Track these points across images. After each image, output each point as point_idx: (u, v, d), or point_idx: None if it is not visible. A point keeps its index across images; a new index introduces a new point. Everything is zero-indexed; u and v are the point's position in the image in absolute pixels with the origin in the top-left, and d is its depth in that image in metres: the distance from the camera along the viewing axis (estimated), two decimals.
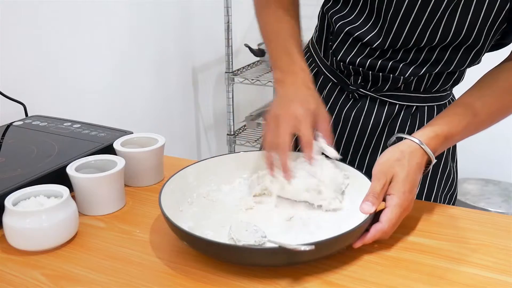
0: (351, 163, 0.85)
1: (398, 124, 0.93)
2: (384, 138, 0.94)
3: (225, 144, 2.22)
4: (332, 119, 0.96)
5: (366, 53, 0.89)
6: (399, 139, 0.79)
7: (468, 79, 0.96)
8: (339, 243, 0.68)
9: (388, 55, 0.87)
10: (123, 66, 1.66)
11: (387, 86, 0.90)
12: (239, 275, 0.67)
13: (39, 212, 0.72)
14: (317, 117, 0.81)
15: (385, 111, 0.92)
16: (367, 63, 0.89)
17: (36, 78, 1.30)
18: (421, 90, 0.91)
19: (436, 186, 0.95)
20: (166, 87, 1.92)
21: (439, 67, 0.86)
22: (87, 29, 1.47)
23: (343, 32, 0.90)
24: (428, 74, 0.88)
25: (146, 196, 0.89)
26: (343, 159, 0.85)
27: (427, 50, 0.85)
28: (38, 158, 0.90)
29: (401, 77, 0.88)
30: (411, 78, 0.88)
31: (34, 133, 1.02)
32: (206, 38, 2.10)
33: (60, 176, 0.83)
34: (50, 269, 0.70)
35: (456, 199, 1.01)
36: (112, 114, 1.60)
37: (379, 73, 0.89)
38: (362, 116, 0.93)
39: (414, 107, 0.92)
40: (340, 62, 0.93)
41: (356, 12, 0.89)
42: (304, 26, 1.02)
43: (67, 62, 1.41)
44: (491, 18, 0.80)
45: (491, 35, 0.83)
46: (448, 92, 0.95)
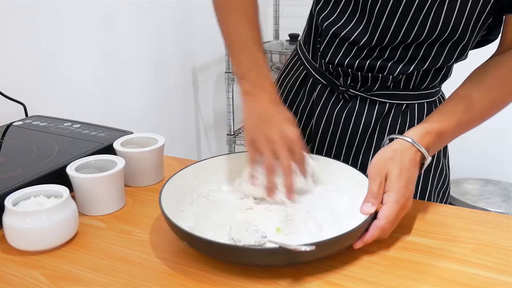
0: (345, 163, 0.86)
1: (389, 122, 0.94)
2: (376, 137, 0.95)
3: (225, 144, 2.22)
4: (324, 120, 0.97)
5: (354, 53, 0.89)
6: (392, 140, 0.79)
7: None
8: (339, 244, 0.68)
9: (375, 54, 0.88)
10: (123, 66, 1.66)
11: (377, 86, 0.91)
12: (239, 275, 0.67)
13: (39, 212, 0.72)
14: (290, 139, 0.81)
15: (375, 110, 0.93)
16: (356, 63, 0.90)
17: (36, 78, 1.30)
18: (410, 88, 0.92)
19: (429, 184, 0.96)
20: (166, 87, 1.92)
21: (427, 64, 0.87)
22: (87, 29, 1.47)
23: (329, 33, 0.90)
24: (416, 72, 0.89)
25: (146, 196, 0.89)
26: (337, 159, 0.88)
27: (414, 46, 0.86)
28: (38, 158, 0.90)
29: (390, 76, 0.88)
30: (400, 76, 0.89)
31: (34, 133, 1.02)
32: (206, 38, 2.10)
33: (60, 176, 0.83)
34: (50, 269, 0.70)
35: (449, 195, 1.02)
36: (112, 114, 1.60)
37: (368, 73, 0.89)
38: (353, 116, 0.94)
39: (404, 105, 0.93)
40: (328, 64, 0.93)
41: (339, 11, 0.89)
42: (301, 25, 1.02)
43: (67, 62, 1.41)
44: (476, 12, 0.81)
45: (477, 29, 0.84)
46: (437, 88, 0.96)
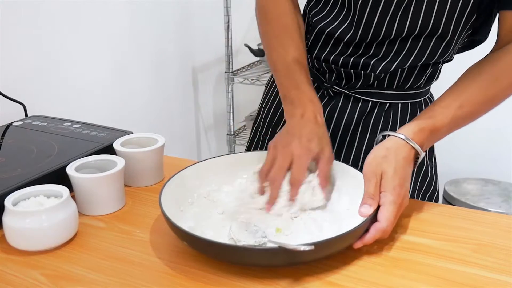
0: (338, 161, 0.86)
1: (372, 120, 0.95)
2: (359, 134, 0.96)
3: (225, 144, 2.22)
4: None
5: (339, 50, 0.91)
6: (385, 137, 0.79)
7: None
8: (339, 244, 0.68)
9: (361, 51, 0.90)
10: (123, 66, 1.66)
11: (360, 83, 0.92)
12: (239, 275, 0.67)
13: (39, 212, 0.72)
14: (319, 157, 0.81)
15: (358, 108, 0.95)
16: (340, 60, 0.91)
17: (36, 78, 1.30)
18: (394, 87, 0.93)
19: (412, 185, 0.96)
20: (166, 87, 1.92)
21: (410, 61, 0.88)
22: (87, 29, 1.47)
23: (316, 29, 0.92)
24: (400, 70, 0.90)
25: (146, 196, 0.89)
26: None
27: (398, 42, 0.87)
28: (38, 158, 0.90)
29: (372, 73, 0.90)
30: (382, 74, 0.90)
31: (34, 133, 1.02)
32: (206, 38, 2.10)
33: (60, 176, 0.83)
34: (50, 269, 0.70)
35: (437, 199, 1.01)
36: (112, 114, 1.60)
37: (351, 70, 0.91)
38: (336, 113, 0.96)
39: (388, 104, 0.94)
40: (315, 60, 0.95)
41: (328, 8, 0.91)
42: None
43: (67, 62, 1.41)
44: (458, 8, 0.82)
45: (461, 26, 0.85)
46: (423, 90, 0.96)
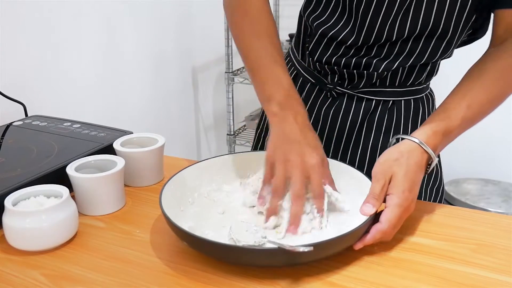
0: (334, 160, 0.86)
1: (376, 119, 0.95)
2: (364, 133, 0.96)
3: (225, 144, 2.22)
4: (312, 119, 0.98)
5: (341, 52, 0.91)
6: (399, 140, 0.79)
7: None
8: (338, 245, 0.68)
9: (362, 52, 0.90)
10: (123, 66, 1.66)
11: (363, 83, 0.93)
12: (239, 275, 0.67)
13: (38, 212, 0.72)
14: (309, 166, 0.77)
15: (362, 107, 0.95)
16: (342, 61, 0.92)
17: (36, 77, 1.30)
18: (396, 85, 0.93)
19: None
20: (166, 87, 1.92)
21: (411, 60, 0.89)
22: (87, 29, 1.47)
23: (318, 33, 0.92)
24: (401, 68, 0.90)
25: (146, 196, 0.89)
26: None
27: (400, 43, 0.88)
28: (38, 158, 0.90)
29: (375, 72, 0.90)
30: (385, 73, 0.90)
31: (34, 133, 1.02)
32: (206, 38, 2.10)
33: (60, 176, 0.83)
34: (50, 269, 0.70)
35: (443, 193, 1.02)
36: (112, 114, 1.60)
37: (354, 70, 0.91)
38: (341, 114, 0.96)
39: (391, 102, 0.95)
40: (316, 63, 0.95)
41: (329, 12, 0.91)
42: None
43: (67, 62, 1.41)
44: (457, 9, 0.83)
45: (461, 26, 0.86)
46: (424, 85, 0.97)
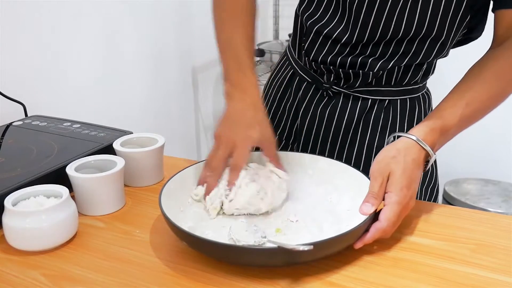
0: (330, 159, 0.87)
1: (372, 118, 0.96)
2: (360, 132, 0.97)
3: None
4: (308, 118, 0.99)
5: (336, 51, 0.92)
6: (396, 138, 0.79)
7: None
8: (338, 244, 0.68)
9: (357, 51, 0.90)
10: (123, 66, 1.66)
11: (358, 82, 0.93)
12: (239, 275, 0.67)
13: (38, 212, 0.72)
14: (262, 143, 0.81)
15: (358, 106, 0.95)
16: (338, 61, 0.92)
17: (36, 78, 1.30)
18: (391, 84, 0.94)
19: None
20: (166, 87, 1.92)
21: (406, 60, 0.89)
22: (87, 29, 1.47)
23: (313, 31, 0.93)
24: (397, 68, 0.91)
25: (146, 196, 0.89)
26: (321, 155, 0.88)
27: (394, 43, 0.88)
28: (38, 158, 0.90)
29: (370, 72, 0.90)
30: (380, 72, 0.91)
31: (34, 133, 1.02)
32: (206, 38, 2.09)
33: (59, 176, 0.83)
34: (50, 269, 0.70)
35: (437, 192, 1.02)
36: (111, 114, 1.60)
37: (349, 70, 0.92)
38: (337, 113, 0.96)
39: (387, 101, 0.95)
40: (312, 62, 0.96)
41: (322, 9, 0.92)
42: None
43: (67, 62, 1.41)
44: (451, 9, 0.83)
45: (455, 27, 0.86)
46: (420, 85, 0.97)
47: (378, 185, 0.74)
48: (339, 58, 0.92)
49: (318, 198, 0.83)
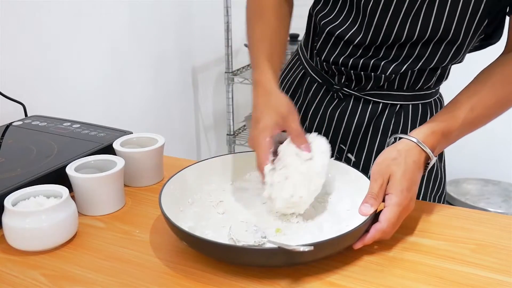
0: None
1: (383, 123, 0.94)
2: (369, 137, 0.95)
3: (225, 144, 2.22)
4: (318, 119, 0.98)
5: (348, 52, 0.90)
6: (397, 139, 0.79)
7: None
8: (338, 244, 0.68)
9: (370, 53, 0.89)
10: (123, 66, 1.66)
11: (370, 85, 0.91)
12: (239, 275, 0.67)
13: (38, 212, 0.72)
14: (280, 124, 0.79)
15: (369, 110, 0.93)
16: (350, 62, 0.90)
17: (36, 78, 1.30)
18: (404, 88, 0.92)
19: (423, 187, 0.95)
20: (166, 87, 1.92)
21: (420, 64, 0.87)
22: (87, 29, 1.47)
23: (325, 32, 0.91)
24: (410, 72, 0.89)
25: (146, 196, 0.89)
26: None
27: (408, 46, 0.86)
28: (38, 158, 0.90)
29: (382, 75, 0.89)
30: (393, 76, 0.89)
31: (34, 133, 1.02)
32: (206, 38, 2.10)
33: (59, 176, 0.83)
34: (50, 269, 0.70)
35: (445, 200, 1.01)
36: (111, 114, 1.60)
37: (361, 72, 0.90)
38: (347, 116, 0.95)
39: (398, 106, 0.93)
40: (324, 62, 0.94)
41: (336, 10, 0.90)
42: (301, 26, 1.03)
43: (67, 62, 1.41)
44: (468, 13, 0.81)
45: (472, 32, 0.84)
46: (433, 90, 0.95)
47: (378, 186, 0.73)
48: (351, 60, 0.90)
49: (318, 198, 0.83)
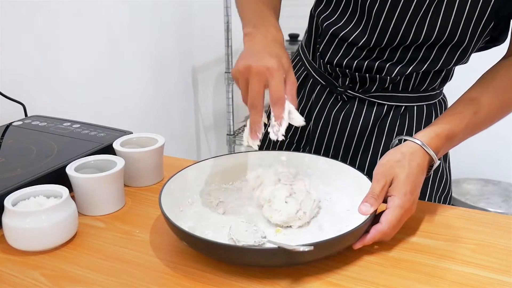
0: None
1: (387, 124, 0.93)
2: (374, 139, 0.94)
3: (225, 144, 2.22)
4: (322, 121, 0.97)
5: (352, 54, 0.89)
6: (401, 141, 0.79)
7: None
8: (338, 244, 0.68)
9: (374, 55, 0.88)
10: (123, 66, 1.66)
11: (375, 87, 0.90)
12: (239, 275, 0.67)
13: (38, 212, 0.72)
14: (286, 76, 0.73)
15: (373, 112, 0.93)
16: (354, 64, 0.89)
17: (36, 78, 1.30)
18: (409, 90, 0.91)
19: (429, 188, 0.95)
20: (166, 87, 1.92)
21: (425, 66, 0.87)
22: (87, 29, 1.47)
23: (329, 33, 0.90)
24: (415, 73, 0.88)
25: (146, 196, 0.89)
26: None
27: (413, 48, 0.85)
28: (38, 158, 0.90)
29: (387, 77, 0.88)
30: (398, 78, 0.88)
31: (34, 133, 1.02)
32: (206, 38, 2.10)
33: (59, 176, 0.83)
34: (50, 269, 0.70)
35: (451, 200, 1.01)
36: (111, 114, 1.60)
37: (366, 74, 0.89)
38: (351, 118, 0.94)
39: (403, 107, 0.93)
40: (327, 64, 0.93)
41: (339, 12, 0.89)
42: (301, 25, 1.02)
43: (67, 62, 1.41)
44: (475, 17, 0.81)
45: (477, 35, 0.83)
46: (438, 91, 0.95)
47: (380, 187, 0.73)
48: (356, 62, 0.89)
49: (318, 198, 0.83)
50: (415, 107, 0.93)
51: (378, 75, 0.88)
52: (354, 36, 0.87)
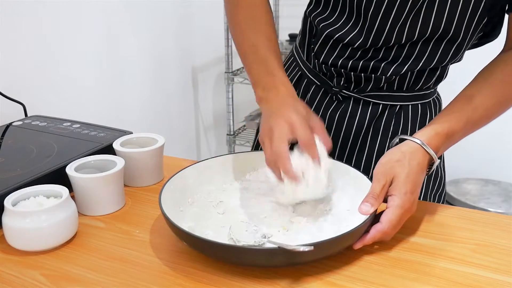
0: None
1: (383, 124, 0.94)
2: (370, 138, 0.94)
3: (224, 144, 2.22)
4: None
5: (347, 54, 0.90)
6: (402, 141, 0.79)
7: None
8: (338, 244, 0.68)
9: (369, 55, 0.88)
10: (123, 66, 1.66)
11: (370, 86, 0.91)
12: (239, 275, 0.67)
13: (38, 212, 0.72)
14: (310, 123, 0.77)
15: (369, 111, 0.93)
16: (349, 64, 0.90)
17: (36, 78, 1.30)
18: (404, 89, 0.92)
19: (424, 186, 0.95)
20: (166, 87, 1.92)
21: (420, 64, 0.87)
22: (87, 29, 1.47)
23: (324, 34, 0.90)
24: (410, 72, 0.89)
25: (146, 196, 0.89)
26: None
27: (408, 46, 0.86)
28: (38, 158, 0.90)
29: (382, 76, 0.88)
30: (393, 77, 0.89)
31: (34, 133, 1.02)
32: (206, 38, 2.10)
33: (59, 176, 0.83)
34: (50, 269, 0.70)
35: (445, 198, 1.02)
36: (111, 114, 1.60)
37: (361, 73, 0.89)
38: (346, 118, 0.94)
39: (398, 106, 0.93)
40: (322, 65, 0.93)
41: (336, 14, 0.89)
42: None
43: (67, 62, 1.41)
44: (468, 12, 0.81)
45: (471, 30, 0.84)
46: (432, 90, 0.95)
47: (380, 186, 0.73)
48: (351, 62, 0.89)
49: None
50: (410, 106, 0.94)
51: (373, 75, 0.89)
52: (350, 37, 0.88)
